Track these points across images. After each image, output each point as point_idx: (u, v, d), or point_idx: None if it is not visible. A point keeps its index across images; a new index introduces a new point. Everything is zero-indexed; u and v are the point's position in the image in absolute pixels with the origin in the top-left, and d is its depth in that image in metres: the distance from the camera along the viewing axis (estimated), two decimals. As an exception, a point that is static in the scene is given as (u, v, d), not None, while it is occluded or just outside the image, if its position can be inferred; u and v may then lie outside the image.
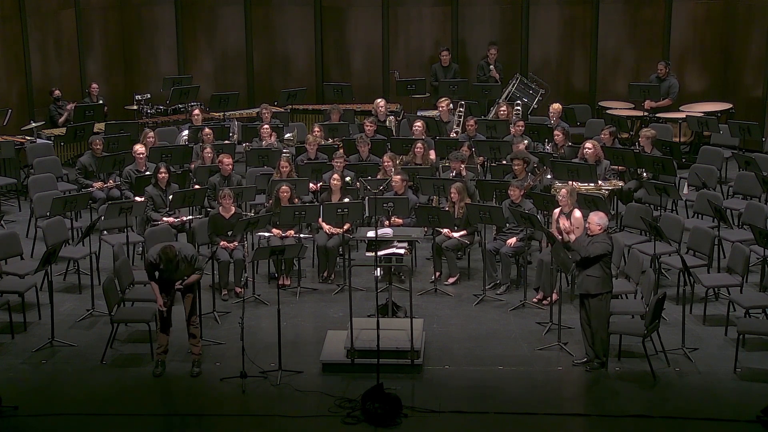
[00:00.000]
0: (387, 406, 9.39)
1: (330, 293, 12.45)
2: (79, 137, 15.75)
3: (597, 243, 10.22)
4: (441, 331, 11.34)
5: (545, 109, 16.45)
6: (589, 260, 10.20)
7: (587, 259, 10.20)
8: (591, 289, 10.24)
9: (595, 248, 10.19)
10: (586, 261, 10.22)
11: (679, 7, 18.54)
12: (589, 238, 10.35)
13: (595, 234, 10.31)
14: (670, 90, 17.41)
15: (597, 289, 10.23)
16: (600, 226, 10.34)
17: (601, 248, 10.20)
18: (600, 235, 10.30)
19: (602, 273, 10.23)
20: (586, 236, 10.42)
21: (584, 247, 10.25)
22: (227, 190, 12.54)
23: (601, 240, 10.26)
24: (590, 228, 10.39)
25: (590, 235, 10.36)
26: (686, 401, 9.85)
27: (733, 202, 14.08)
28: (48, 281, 11.12)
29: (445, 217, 12.46)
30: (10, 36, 17.18)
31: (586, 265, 10.24)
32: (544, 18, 19.03)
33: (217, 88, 18.55)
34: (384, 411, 9.37)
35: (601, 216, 10.49)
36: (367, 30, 19.38)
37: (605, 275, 10.26)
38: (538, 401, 9.90)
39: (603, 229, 10.36)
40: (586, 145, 13.86)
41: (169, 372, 10.47)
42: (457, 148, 14.22)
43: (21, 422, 9.56)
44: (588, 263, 10.21)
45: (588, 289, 10.25)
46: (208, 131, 15.05)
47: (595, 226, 10.35)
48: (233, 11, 19.43)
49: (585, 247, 10.25)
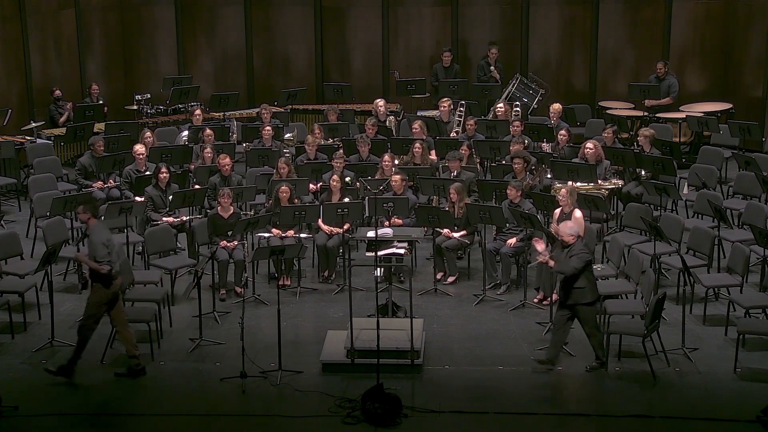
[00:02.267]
0: (387, 406, 9.39)
1: (330, 293, 12.45)
2: (79, 137, 15.76)
3: (575, 256, 10.17)
4: (441, 331, 11.34)
5: (545, 109, 16.46)
6: (575, 276, 10.18)
7: (573, 276, 10.17)
8: (580, 300, 10.23)
9: (576, 262, 10.15)
10: (572, 278, 10.19)
11: (679, 7, 18.54)
12: (565, 251, 10.30)
13: (570, 244, 10.27)
14: (670, 89, 17.41)
15: (586, 299, 10.23)
16: (572, 236, 10.32)
17: (581, 261, 10.16)
18: (576, 245, 10.26)
19: (587, 282, 10.22)
20: (562, 249, 10.37)
21: (565, 264, 10.20)
22: (226, 189, 12.55)
23: (578, 251, 10.20)
24: (564, 239, 10.36)
25: (565, 245, 10.32)
26: (686, 401, 9.86)
27: (733, 202, 14.07)
28: (48, 281, 11.13)
29: (445, 217, 12.46)
30: (10, 36, 17.18)
31: (571, 281, 10.21)
32: (544, 18, 19.03)
33: (217, 88, 18.55)
34: (384, 411, 9.37)
35: (570, 225, 10.48)
36: (367, 30, 19.38)
37: (590, 284, 10.26)
38: (538, 401, 9.91)
39: (577, 238, 10.34)
40: (588, 145, 13.86)
41: (169, 372, 10.48)
42: (456, 148, 14.22)
43: (21, 422, 9.56)
44: (574, 278, 10.19)
45: (577, 300, 10.24)
46: (210, 132, 15.05)
47: (568, 237, 10.32)
48: (233, 11, 19.43)
49: (566, 264, 10.20)
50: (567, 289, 10.28)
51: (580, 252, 10.22)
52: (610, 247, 12.33)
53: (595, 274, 11.57)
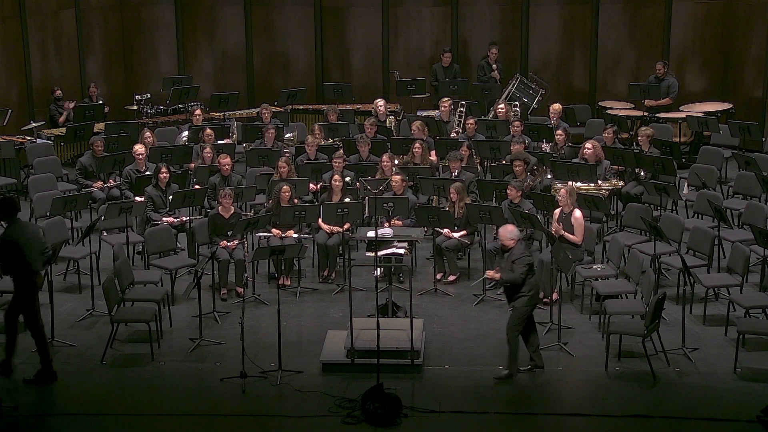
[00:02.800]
0: (387, 406, 9.38)
1: (330, 293, 12.45)
2: (79, 137, 15.76)
3: (518, 262, 10.06)
4: (441, 331, 11.33)
5: (545, 109, 16.46)
6: (518, 283, 10.09)
7: (516, 283, 10.08)
8: (521, 304, 10.09)
9: (519, 269, 10.04)
10: (516, 285, 10.09)
11: (679, 7, 18.54)
12: (506, 255, 10.20)
13: (511, 248, 10.18)
14: (669, 89, 17.42)
15: (529, 303, 10.12)
16: (513, 239, 10.22)
17: (523, 267, 10.04)
18: (516, 248, 10.16)
19: (532, 286, 10.12)
20: (503, 257, 10.25)
21: (509, 273, 10.10)
22: (227, 189, 12.55)
23: (519, 255, 10.09)
24: (504, 243, 10.27)
25: (506, 250, 10.22)
26: (686, 401, 9.86)
27: (733, 202, 14.07)
28: (48, 281, 11.11)
29: (445, 217, 12.46)
30: (10, 36, 17.19)
31: (516, 288, 10.10)
32: (544, 18, 19.03)
33: (217, 88, 18.55)
34: (384, 411, 9.37)
35: (509, 230, 10.36)
36: (367, 30, 19.38)
37: (534, 288, 10.16)
38: (538, 401, 9.91)
39: (517, 241, 10.24)
40: (586, 146, 13.86)
41: (169, 372, 10.48)
42: (457, 148, 14.22)
43: (21, 422, 9.56)
44: (519, 285, 10.10)
45: (520, 304, 10.10)
46: (210, 132, 15.05)
47: (508, 240, 10.22)
48: (233, 11, 19.43)
49: (509, 273, 10.09)
50: (511, 295, 10.17)
51: (521, 256, 10.10)
52: (610, 247, 12.32)
53: (595, 274, 11.62)
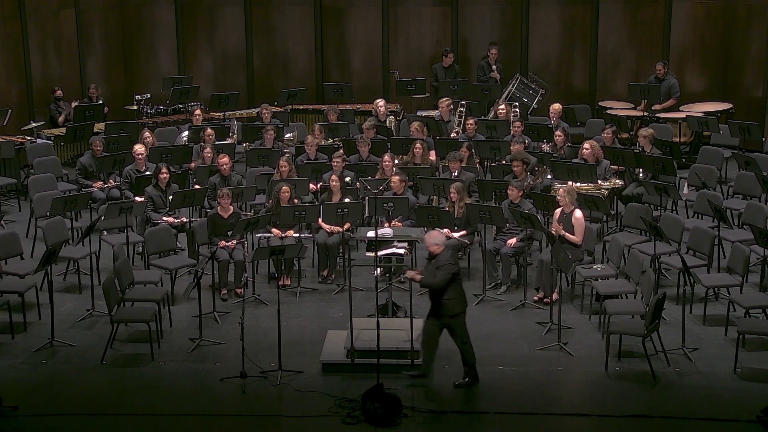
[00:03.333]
0: (387, 406, 9.38)
1: (330, 293, 12.45)
2: (79, 137, 15.76)
3: (442, 268, 9.94)
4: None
5: (545, 109, 16.46)
6: (443, 288, 9.96)
7: (441, 288, 9.95)
8: (448, 312, 9.99)
9: (443, 274, 9.92)
10: (440, 290, 9.97)
11: (679, 7, 18.55)
12: (432, 261, 10.09)
13: (438, 254, 10.06)
14: (671, 90, 17.41)
15: (455, 310, 10.01)
16: (438, 245, 10.10)
17: (447, 273, 9.92)
18: (442, 255, 10.03)
19: (455, 294, 10.00)
20: (430, 263, 10.13)
21: (432, 278, 9.97)
22: (225, 189, 12.55)
23: (444, 261, 9.97)
24: (430, 249, 10.14)
25: (432, 256, 10.11)
26: (686, 401, 9.86)
27: (733, 202, 14.07)
28: (48, 281, 11.12)
29: (445, 218, 12.46)
30: (10, 36, 17.19)
31: (439, 293, 9.97)
32: (544, 18, 19.03)
33: (217, 88, 18.55)
34: (384, 411, 9.37)
35: (434, 236, 10.25)
36: (367, 30, 19.38)
37: (458, 294, 10.03)
38: (538, 401, 9.91)
39: (442, 246, 10.12)
40: (584, 146, 13.86)
41: (169, 372, 10.48)
42: (457, 148, 14.22)
43: (21, 422, 9.56)
44: (443, 290, 9.97)
45: (446, 312, 9.99)
46: (210, 132, 15.05)
47: (433, 246, 10.10)
48: (233, 11, 19.43)
49: (433, 278, 9.97)
50: (435, 301, 10.06)
51: (446, 263, 9.97)
52: (610, 247, 12.32)
53: (595, 274, 11.62)
